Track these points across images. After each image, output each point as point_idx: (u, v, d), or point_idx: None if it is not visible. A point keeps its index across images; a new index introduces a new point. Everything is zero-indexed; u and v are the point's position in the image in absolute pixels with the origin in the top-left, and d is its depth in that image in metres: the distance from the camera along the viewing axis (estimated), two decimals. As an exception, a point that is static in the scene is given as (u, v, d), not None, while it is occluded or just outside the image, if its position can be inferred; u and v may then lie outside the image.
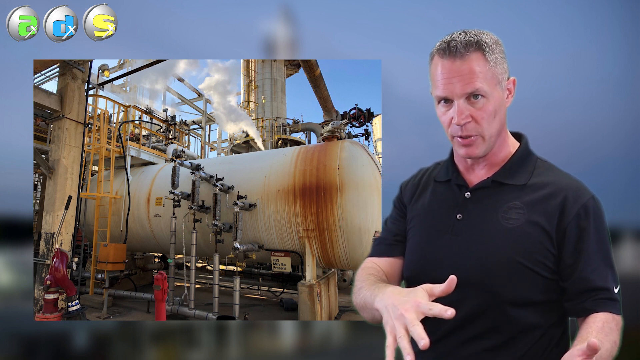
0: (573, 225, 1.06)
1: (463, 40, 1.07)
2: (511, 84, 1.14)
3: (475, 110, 1.08)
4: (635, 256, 2.28)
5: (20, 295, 3.87)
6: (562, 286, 1.07)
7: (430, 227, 1.25)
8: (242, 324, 5.29)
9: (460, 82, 1.06)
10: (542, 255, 1.06)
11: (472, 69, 1.05)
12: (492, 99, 1.08)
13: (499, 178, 1.17)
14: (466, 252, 1.13)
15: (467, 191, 1.21)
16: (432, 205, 1.29)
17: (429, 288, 0.90)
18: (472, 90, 1.06)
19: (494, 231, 1.11)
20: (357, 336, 3.63)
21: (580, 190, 1.10)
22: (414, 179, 1.42)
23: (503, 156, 1.20)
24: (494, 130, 1.11)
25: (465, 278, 1.09)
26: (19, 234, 3.77)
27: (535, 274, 1.06)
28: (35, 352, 3.50)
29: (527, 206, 1.11)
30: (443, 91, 1.09)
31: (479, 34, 1.08)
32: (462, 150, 1.14)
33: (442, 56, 1.09)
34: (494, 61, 1.08)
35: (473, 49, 1.06)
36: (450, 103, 1.10)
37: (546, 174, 1.16)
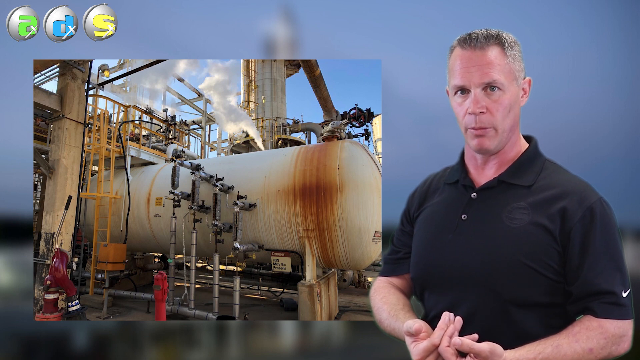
0: (578, 228, 1.05)
1: (484, 32, 1.11)
2: (526, 84, 1.16)
3: (490, 102, 1.09)
4: (636, 256, 2.28)
5: (20, 295, 3.86)
6: (567, 290, 1.06)
7: (435, 227, 1.26)
8: (242, 324, 5.29)
9: (479, 71, 1.09)
10: (546, 256, 1.05)
11: (491, 60, 1.08)
12: (508, 92, 1.10)
13: (505, 178, 1.17)
14: (468, 251, 1.13)
15: (474, 192, 1.21)
16: (439, 207, 1.30)
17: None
18: (490, 81, 1.08)
19: (497, 231, 1.11)
20: (357, 336, 3.63)
21: (587, 193, 1.09)
22: (423, 186, 1.43)
23: (513, 156, 1.20)
24: (507, 125, 1.12)
25: (467, 276, 1.11)
26: (19, 234, 3.76)
27: (539, 275, 1.04)
28: (35, 352, 3.50)
29: (532, 207, 1.10)
30: (461, 80, 1.11)
31: (500, 31, 1.12)
32: (474, 141, 1.14)
33: (463, 47, 1.12)
34: (512, 57, 1.11)
35: (493, 41, 1.10)
36: (466, 94, 1.12)
37: (553, 175, 1.15)
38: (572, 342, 0.96)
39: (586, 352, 0.96)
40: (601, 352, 0.97)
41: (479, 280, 1.09)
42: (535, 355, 0.94)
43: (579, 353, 0.95)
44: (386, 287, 1.34)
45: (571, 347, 0.96)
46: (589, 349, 0.96)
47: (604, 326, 0.99)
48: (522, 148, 1.21)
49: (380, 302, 1.27)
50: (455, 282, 1.13)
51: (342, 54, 2.89)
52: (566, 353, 0.95)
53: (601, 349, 0.97)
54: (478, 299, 1.08)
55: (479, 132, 1.12)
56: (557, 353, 0.95)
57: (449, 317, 0.98)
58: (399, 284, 1.36)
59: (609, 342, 0.98)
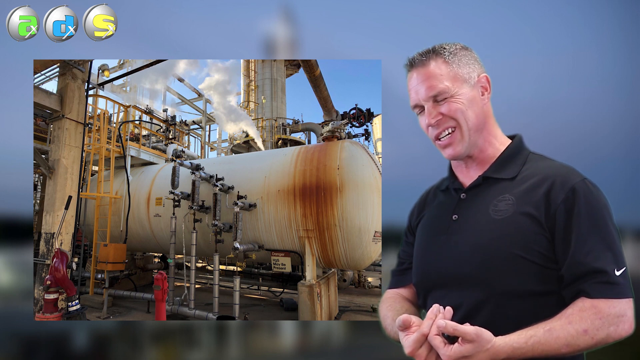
0: (561, 209, 1.05)
1: (421, 52, 1.21)
2: (484, 81, 1.21)
3: (443, 110, 1.17)
4: (636, 256, 2.27)
5: (20, 295, 3.86)
6: (560, 275, 1.04)
7: (430, 231, 1.32)
8: (242, 324, 5.29)
9: (424, 86, 1.18)
10: (536, 244, 1.05)
11: (432, 73, 1.17)
12: (460, 95, 1.17)
13: (489, 174, 1.22)
14: (460, 248, 1.17)
15: (463, 192, 1.27)
16: (433, 213, 1.36)
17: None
18: (434, 93, 1.17)
19: (485, 225, 1.14)
20: (357, 336, 3.63)
21: (569, 175, 1.09)
22: (421, 198, 1.49)
23: (492, 154, 1.24)
24: (470, 124, 1.18)
25: (462, 274, 1.14)
26: (19, 234, 3.77)
27: (531, 263, 1.04)
28: (35, 352, 3.50)
29: (516, 197, 1.12)
30: (413, 99, 1.22)
31: (440, 44, 1.21)
32: (445, 152, 1.22)
33: (409, 69, 1.23)
34: (456, 63, 1.18)
35: (431, 55, 1.19)
36: (423, 112, 1.22)
37: (536, 165, 1.18)
38: (565, 324, 0.93)
39: (580, 333, 0.92)
40: (597, 334, 0.93)
41: (473, 276, 1.10)
42: (526, 339, 0.92)
43: (573, 335, 0.92)
44: (392, 297, 1.38)
45: (564, 330, 0.93)
46: (583, 330, 0.92)
47: (597, 306, 0.95)
48: (503, 146, 1.25)
49: (385, 311, 1.31)
50: (452, 281, 1.16)
51: (342, 54, 2.89)
52: (559, 336, 0.92)
53: (597, 330, 0.93)
54: (476, 296, 1.09)
55: (444, 142, 1.20)
56: (550, 336, 0.92)
57: (438, 308, 0.99)
58: (407, 294, 1.39)
59: (605, 323, 0.93)
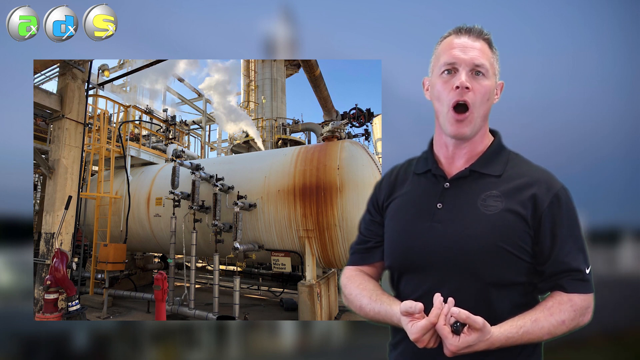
0: (547, 213, 1.16)
1: (479, 28, 1.25)
2: (499, 87, 1.28)
3: (475, 83, 1.20)
4: (635, 256, 2.27)
5: (20, 295, 3.87)
6: (539, 270, 1.17)
7: (411, 216, 1.32)
8: (242, 324, 5.29)
9: (476, 51, 1.21)
10: (521, 240, 1.16)
11: (482, 49, 1.22)
12: (489, 82, 1.21)
13: (476, 168, 1.26)
14: (448, 237, 1.20)
15: (446, 182, 1.29)
16: (411, 196, 1.36)
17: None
18: (479, 63, 1.20)
19: (474, 218, 1.19)
20: (357, 336, 3.63)
21: (552, 181, 1.21)
22: (389, 176, 1.48)
23: (481, 148, 1.30)
24: (482, 112, 1.22)
25: (448, 260, 1.18)
26: (19, 234, 3.77)
27: (516, 258, 1.14)
28: (35, 352, 3.50)
29: (504, 195, 1.20)
30: (455, 57, 1.22)
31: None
32: (453, 126, 1.22)
33: (458, 34, 1.25)
34: (494, 57, 1.24)
35: (485, 37, 1.24)
36: (453, 74, 1.21)
37: (520, 166, 1.28)
38: (548, 315, 1.10)
39: (559, 323, 1.10)
40: (571, 323, 1.12)
41: (459, 264, 1.16)
42: (517, 329, 1.07)
43: (554, 325, 1.10)
44: (360, 275, 1.40)
45: (547, 320, 1.09)
46: (561, 321, 1.10)
47: (573, 300, 1.13)
48: (489, 141, 1.32)
49: (357, 289, 1.33)
50: (436, 266, 1.20)
51: (342, 54, 2.89)
52: (543, 326, 1.09)
53: (571, 320, 1.11)
54: (459, 282, 1.16)
55: (461, 116, 1.20)
56: (536, 326, 1.08)
57: (441, 299, 1.06)
58: (370, 272, 1.42)
59: (577, 314, 1.13)
